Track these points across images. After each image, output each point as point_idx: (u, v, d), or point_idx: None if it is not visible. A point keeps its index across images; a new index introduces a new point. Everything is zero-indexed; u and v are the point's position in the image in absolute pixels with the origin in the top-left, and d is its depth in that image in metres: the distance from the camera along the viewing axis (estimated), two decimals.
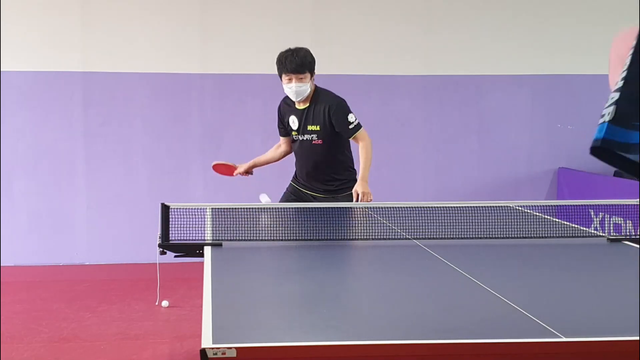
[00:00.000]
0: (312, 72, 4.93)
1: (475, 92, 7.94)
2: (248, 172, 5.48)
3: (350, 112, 4.98)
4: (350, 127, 4.94)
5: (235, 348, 2.20)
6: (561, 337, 2.35)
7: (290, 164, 5.43)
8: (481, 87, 7.94)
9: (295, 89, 4.91)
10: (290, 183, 5.30)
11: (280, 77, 4.98)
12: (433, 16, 7.83)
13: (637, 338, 2.32)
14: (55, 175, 7.51)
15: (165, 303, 5.92)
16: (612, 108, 1.95)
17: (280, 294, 3.02)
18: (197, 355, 2.37)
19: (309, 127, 4.98)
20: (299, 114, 5.03)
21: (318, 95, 5.00)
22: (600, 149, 1.95)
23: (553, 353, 2.32)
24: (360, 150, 4.96)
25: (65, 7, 7.44)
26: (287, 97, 5.08)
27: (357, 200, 4.81)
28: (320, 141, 4.99)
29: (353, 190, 4.87)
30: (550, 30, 7.95)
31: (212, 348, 2.19)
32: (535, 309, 2.63)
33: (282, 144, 5.37)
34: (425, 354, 2.29)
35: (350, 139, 5.02)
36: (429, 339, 2.33)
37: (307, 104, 5.00)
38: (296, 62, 4.86)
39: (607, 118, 1.95)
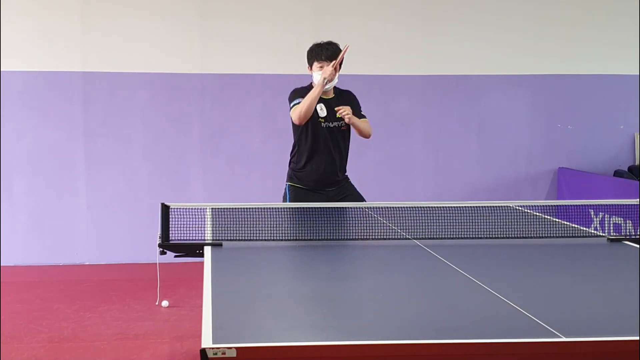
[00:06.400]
0: (340, 64, 5.19)
1: (475, 92, 7.94)
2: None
3: None
4: (362, 112, 5.26)
5: (235, 348, 2.20)
6: (561, 337, 2.35)
7: (285, 167, 5.36)
8: (481, 87, 7.94)
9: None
10: (291, 185, 5.25)
11: (311, 65, 5.17)
12: (433, 16, 7.83)
13: (637, 338, 2.32)
14: (55, 175, 7.51)
15: (165, 303, 5.92)
16: None
17: (280, 294, 3.01)
18: (197, 355, 2.38)
19: (338, 115, 5.14)
20: (327, 103, 5.19)
21: (338, 87, 5.28)
22: None
23: (553, 353, 2.32)
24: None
25: (65, 7, 7.44)
26: (309, 85, 5.22)
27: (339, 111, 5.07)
28: (346, 127, 5.22)
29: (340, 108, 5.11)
30: (550, 31, 7.95)
31: (212, 348, 2.19)
32: (535, 309, 2.63)
33: None
34: (425, 354, 2.29)
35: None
36: (429, 339, 2.33)
37: (333, 94, 5.22)
38: (331, 50, 5.12)
39: None
